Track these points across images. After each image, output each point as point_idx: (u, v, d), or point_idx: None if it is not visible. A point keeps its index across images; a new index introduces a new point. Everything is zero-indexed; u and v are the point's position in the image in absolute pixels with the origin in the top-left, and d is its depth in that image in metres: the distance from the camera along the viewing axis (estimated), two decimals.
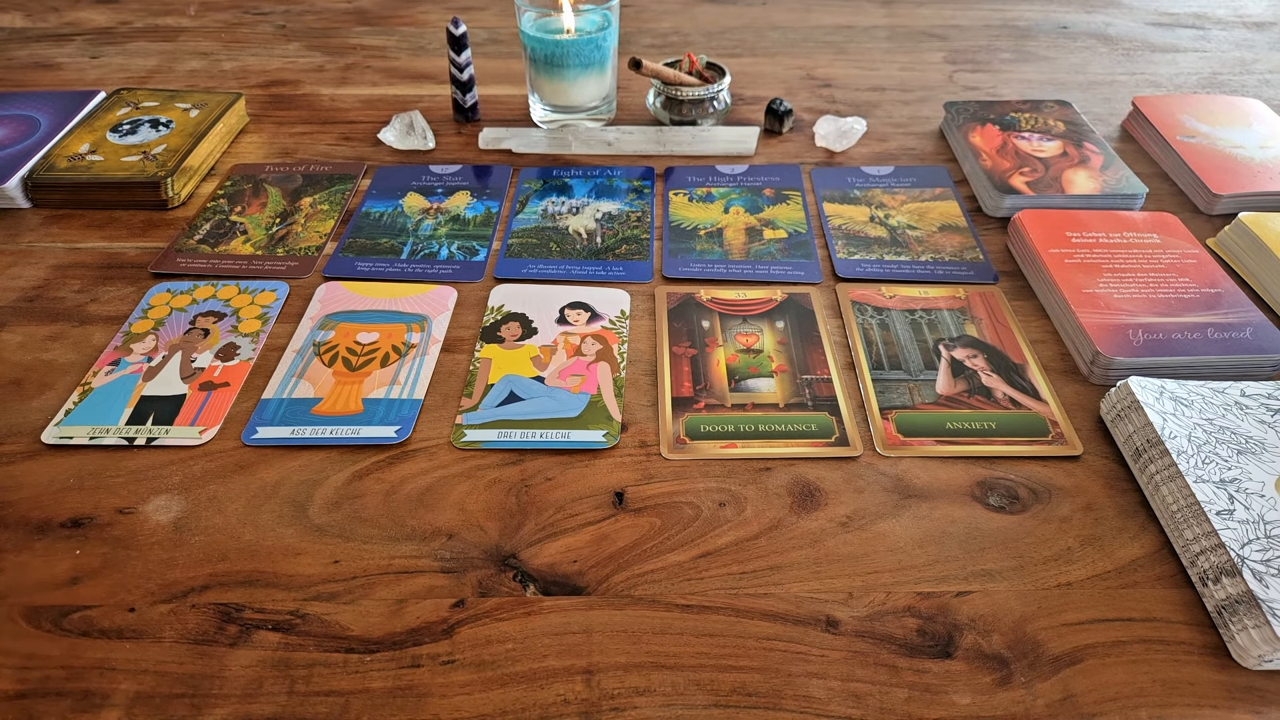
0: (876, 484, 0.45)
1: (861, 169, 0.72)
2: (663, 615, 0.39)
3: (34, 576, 0.41)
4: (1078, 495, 0.45)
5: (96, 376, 0.51)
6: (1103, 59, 0.93)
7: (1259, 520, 0.39)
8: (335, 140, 0.76)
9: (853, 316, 0.56)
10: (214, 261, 0.60)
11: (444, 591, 0.40)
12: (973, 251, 0.62)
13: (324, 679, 0.36)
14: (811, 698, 0.36)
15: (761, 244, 0.63)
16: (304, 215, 0.65)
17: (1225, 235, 0.62)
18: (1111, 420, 0.48)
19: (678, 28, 0.99)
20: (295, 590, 0.40)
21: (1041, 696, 0.36)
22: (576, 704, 0.36)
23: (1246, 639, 0.36)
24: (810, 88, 0.85)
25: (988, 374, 0.52)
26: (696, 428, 0.48)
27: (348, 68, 0.89)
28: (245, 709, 0.35)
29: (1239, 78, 0.89)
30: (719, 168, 0.72)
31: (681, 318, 0.56)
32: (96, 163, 0.67)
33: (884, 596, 0.40)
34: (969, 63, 0.92)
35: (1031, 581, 0.41)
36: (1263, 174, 0.68)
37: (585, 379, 0.51)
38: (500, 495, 0.44)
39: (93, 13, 1.00)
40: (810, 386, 0.51)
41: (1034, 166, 0.69)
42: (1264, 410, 0.46)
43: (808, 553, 0.42)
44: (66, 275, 0.60)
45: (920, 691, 0.36)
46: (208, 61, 0.90)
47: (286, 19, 1.00)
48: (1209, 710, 0.36)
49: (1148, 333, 0.52)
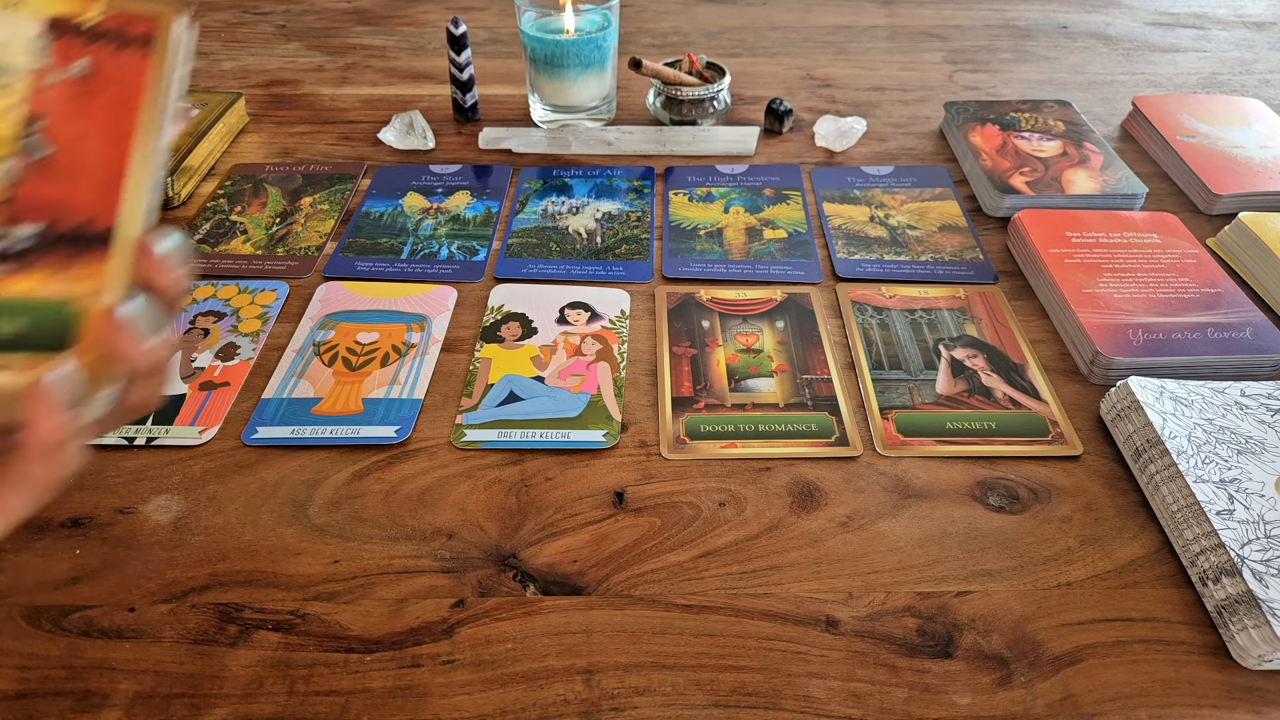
0: (876, 484, 0.45)
1: (861, 169, 0.72)
2: (663, 615, 0.39)
3: (34, 576, 0.41)
4: (1078, 495, 0.45)
5: None
6: (1103, 59, 0.93)
7: (1259, 520, 0.39)
8: (335, 140, 0.76)
9: (853, 316, 0.56)
10: (214, 261, 0.60)
11: (444, 591, 0.40)
12: (973, 251, 0.62)
13: (324, 679, 0.36)
14: (811, 698, 0.36)
15: (761, 244, 0.63)
16: (304, 215, 0.66)
17: (1225, 235, 0.62)
18: (1111, 420, 0.48)
19: (678, 28, 0.99)
20: (295, 590, 0.40)
21: (1041, 696, 0.36)
22: (576, 704, 0.36)
23: (1246, 639, 0.36)
24: (810, 88, 0.85)
25: (988, 374, 0.52)
26: (696, 427, 0.48)
27: (348, 68, 0.89)
28: (245, 709, 0.35)
29: (1239, 78, 0.89)
30: (719, 167, 0.72)
31: (681, 317, 0.56)
32: None
33: (884, 596, 0.40)
34: (969, 63, 0.92)
35: (1031, 581, 0.41)
36: (1262, 174, 0.68)
37: (585, 379, 0.51)
38: (500, 495, 0.44)
39: None
40: (810, 386, 0.51)
41: (1034, 166, 0.69)
42: (1264, 410, 0.46)
43: (808, 553, 0.42)
44: None
45: (920, 691, 0.36)
46: (208, 61, 0.90)
47: (286, 19, 1.00)
48: (1209, 710, 0.36)
49: (1148, 332, 0.52)
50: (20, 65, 0.30)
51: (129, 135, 0.29)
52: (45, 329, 0.28)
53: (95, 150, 0.29)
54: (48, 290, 0.28)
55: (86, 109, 0.30)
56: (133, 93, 0.30)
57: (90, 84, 0.30)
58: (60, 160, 0.29)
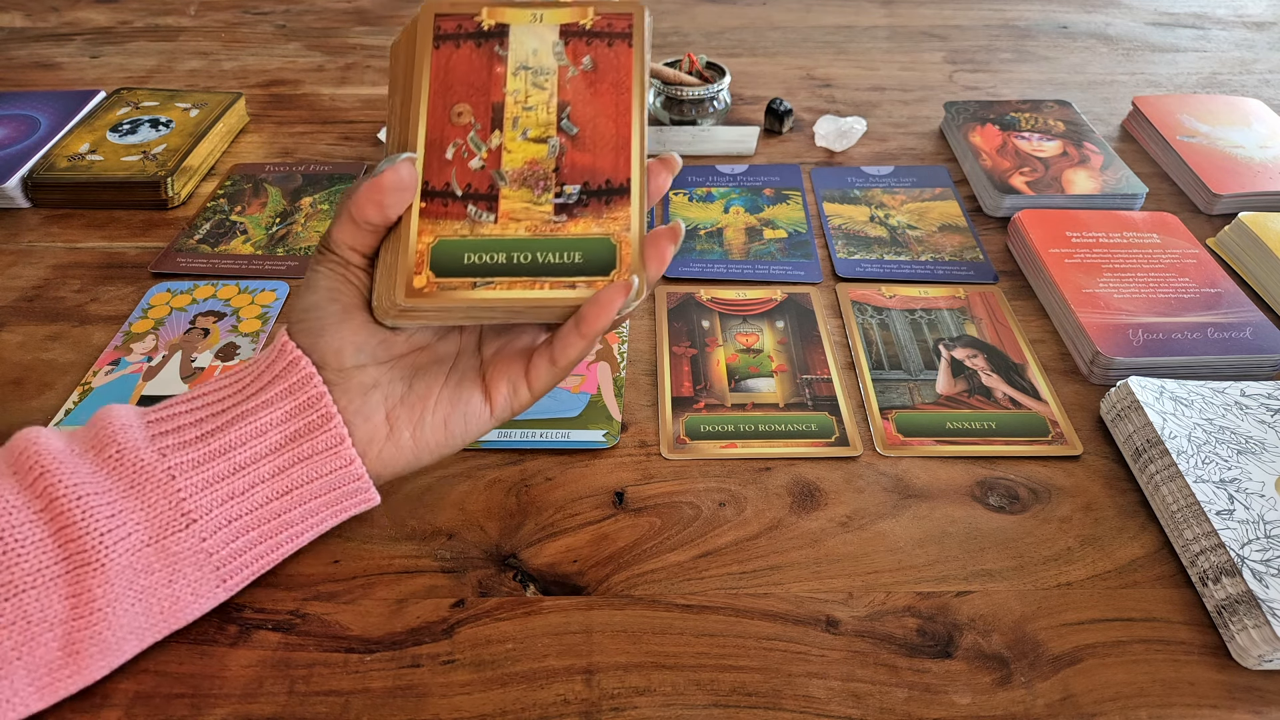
0: (876, 484, 0.45)
1: (861, 169, 0.72)
2: (663, 615, 0.39)
3: None
4: (1078, 495, 0.45)
5: (96, 376, 0.51)
6: (1103, 59, 0.93)
7: (1259, 520, 0.39)
8: (335, 140, 0.76)
9: (853, 316, 0.56)
10: (214, 261, 0.60)
11: (444, 591, 0.40)
12: (973, 251, 0.62)
13: (324, 679, 0.36)
14: (811, 698, 0.36)
15: (761, 244, 0.63)
16: (304, 215, 0.66)
17: (1225, 235, 0.62)
18: (1111, 420, 0.48)
19: (678, 28, 0.99)
20: (295, 590, 0.40)
21: (1041, 696, 0.36)
22: (576, 704, 0.36)
23: (1246, 639, 0.36)
24: (810, 87, 0.85)
25: (988, 374, 0.52)
26: (696, 427, 0.48)
27: (348, 67, 0.89)
28: (245, 709, 0.35)
29: (1239, 77, 0.89)
30: (719, 167, 0.72)
31: (681, 317, 0.56)
32: (96, 162, 0.67)
33: (884, 596, 0.40)
34: (969, 63, 0.92)
35: (1031, 581, 0.41)
36: (1263, 174, 0.68)
37: (585, 379, 0.51)
38: (500, 495, 0.44)
39: (93, 12, 1.00)
40: (810, 386, 0.51)
41: (1034, 166, 0.69)
42: (1264, 410, 0.46)
43: (808, 553, 0.42)
44: (66, 275, 0.60)
45: (920, 691, 0.36)
46: (208, 61, 0.90)
47: (286, 19, 1.00)
48: (1209, 710, 0.36)
49: (1148, 332, 0.52)
50: (550, 65, 0.39)
51: (628, 110, 0.39)
52: (596, 258, 0.37)
53: (606, 124, 0.39)
54: (593, 230, 0.38)
55: (596, 93, 0.39)
56: (625, 76, 0.39)
57: (595, 74, 0.39)
58: (585, 135, 0.39)
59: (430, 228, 0.37)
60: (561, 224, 0.38)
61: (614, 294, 0.36)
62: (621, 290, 0.36)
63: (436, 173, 0.38)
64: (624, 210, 0.38)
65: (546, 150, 0.38)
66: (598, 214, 0.38)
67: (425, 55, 0.39)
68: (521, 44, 0.39)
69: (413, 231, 0.37)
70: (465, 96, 0.39)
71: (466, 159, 0.38)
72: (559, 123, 0.39)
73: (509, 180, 0.38)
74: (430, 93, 0.38)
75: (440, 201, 0.37)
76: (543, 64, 0.39)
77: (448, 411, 0.39)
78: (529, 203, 0.38)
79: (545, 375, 0.39)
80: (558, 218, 0.38)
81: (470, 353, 0.41)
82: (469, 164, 0.38)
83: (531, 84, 0.39)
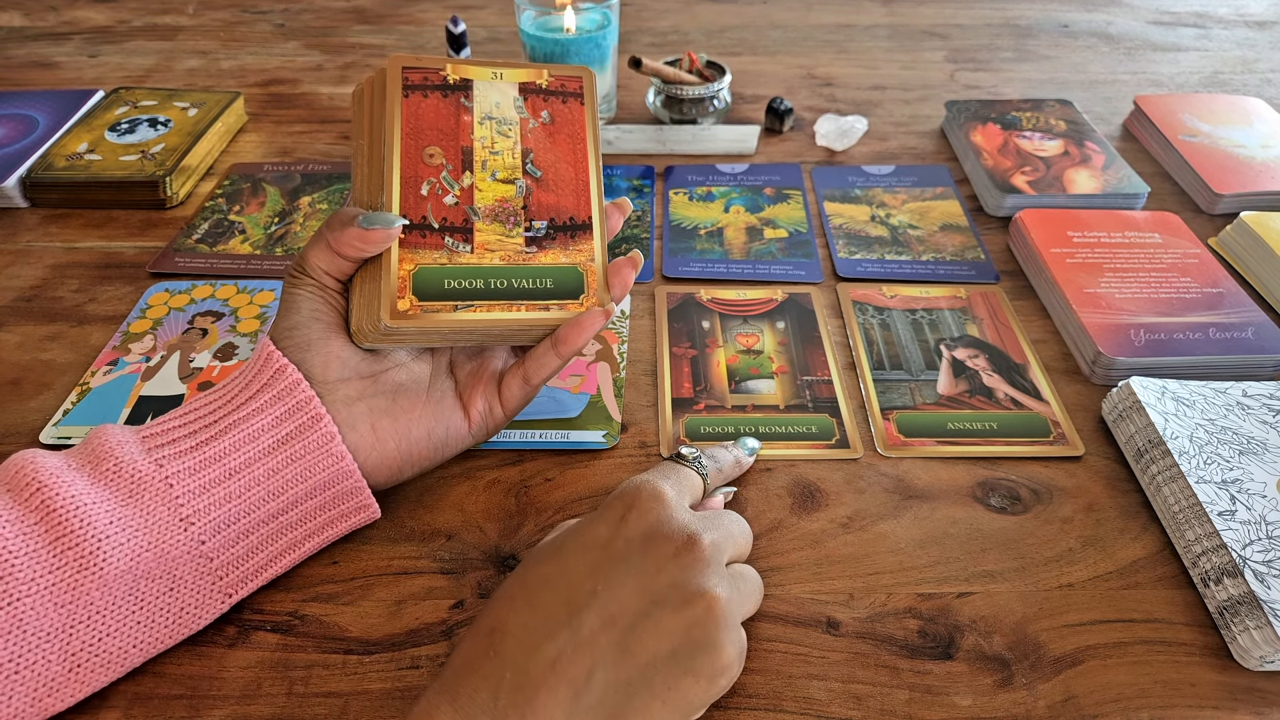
0: (877, 484, 0.45)
1: (862, 168, 0.72)
2: None
3: None
4: (1079, 496, 0.45)
5: (95, 376, 0.51)
6: (1104, 58, 0.93)
7: (1261, 521, 0.39)
8: (334, 139, 0.76)
9: (853, 316, 0.56)
10: (212, 261, 0.60)
11: (443, 592, 0.40)
12: (974, 251, 0.62)
13: (322, 680, 0.36)
14: (812, 699, 0.36)
15: (762, 243, 0.63)
16: (303, 215, 0.65)
17: (1227, 235, 0.62)
18: (1113, 420, 0.48)
19: (678, 26, 0.99)
20: (294, 591, 0.40)
21: (1043, 698, 0.36)
22: None
23: (1248, 640, 0.36)
24: (811, 86, 0.85)
25: (989, 374, 0.52)
26: (696, 429, 0.48)
27: (346, 67, 0.88)
28: (244, 710, 0.35)
29: (1240, 77, 0.88)
30: (719, 167, 0.72)
31: (681, 318, 0.56)
32: (95, 162, 0.67)
33: (885, 598, 0.40)
34: (970, 61, 0.91)
35: (1033, 582, 0.40)
36: (1264, 173, 0.68)
37: (585, 379, 0.51)
38: (500, 496, 0.44)
39: (91, 11, 1.00)
40: (811, 388, 0.51)
41: (1035, 166, 0.69)
42: (1266, 410, 0.45)
43: (808, 554, 0.42)
44: (64, 275, 0.59)
45: (921, 693, 0.36)
46: (206, 60, 0.89)
47: (285, 18, 1.00)
48: (1210, 711, 0.36)
49: (1149, 333, 0.52)
50: (512, 117, 0.44)
51: (585, 157, 0.44)
52: (566, 284, 0.42)
53: (566, 169, 0.44)
54: (562, 260, 0.42)
55: (555, 143, 0.44)
56: (580, 129, 0.44)
57: (553, 126, 0.44)
58: (548, 178, 0.43)
59: (410, 256, 0.40)
60: (533, 254, 0.42)
61: (594, 318, 0.41)
62: (601, 316, 0.41)
63: (413, 207, 0.41)
64: (588, 243, 0.43)
65: (515, 190, 0.42)
66: (565, 246, 0.42)
67: (396, 101, 0.42)
68: (485, 97, 0.43)
69: (394, 259, 0.40)
70: (436, 140, 0.42)
71: (441, 195, 0.41)
72: (524, 166, 0.43)
73: (482, 215, 0.42)
74: (403, 134, 0.41)
75: (419, 233, 0.40)
76: (505, 115, 0.43)
77: (431, 425, 0.41)
78: (502, 235, 0.42)
79: (518, 393, 0.43)
80: (529, 249, 0.42)
81: (443, 375, 0.43)
82: (443, 200, 0.41)
83: (497, 132, 0.43)
